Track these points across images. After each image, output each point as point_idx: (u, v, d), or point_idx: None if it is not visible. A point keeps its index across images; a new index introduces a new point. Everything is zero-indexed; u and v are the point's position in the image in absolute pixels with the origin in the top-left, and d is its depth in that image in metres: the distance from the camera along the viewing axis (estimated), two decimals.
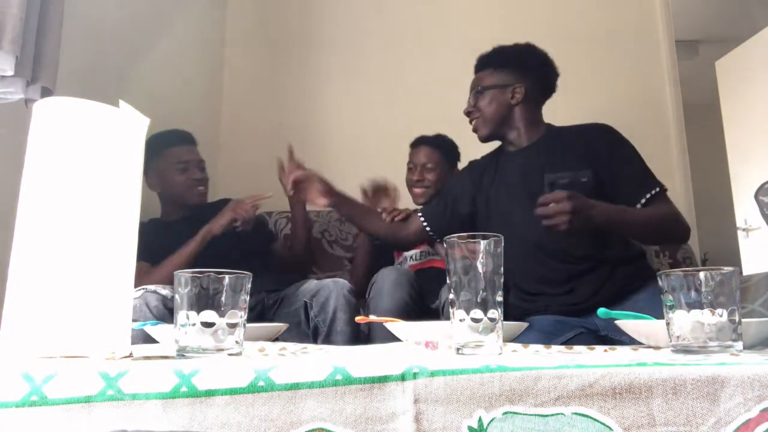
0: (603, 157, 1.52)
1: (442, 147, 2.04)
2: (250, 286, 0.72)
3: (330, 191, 1.70)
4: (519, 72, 1.64)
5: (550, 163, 1.55)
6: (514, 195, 1.59)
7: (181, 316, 0.68)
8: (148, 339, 1.06)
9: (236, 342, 0.70)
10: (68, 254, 0.66)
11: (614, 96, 2.56)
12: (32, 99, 1.36)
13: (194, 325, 0.68)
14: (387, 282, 1.52)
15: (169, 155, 1.87)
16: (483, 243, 0.68)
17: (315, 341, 1.47)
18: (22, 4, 1.28)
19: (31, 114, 0.70)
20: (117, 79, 1.94)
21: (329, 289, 1.49)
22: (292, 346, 0.89)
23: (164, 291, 1.41)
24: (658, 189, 1.50)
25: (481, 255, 0.68)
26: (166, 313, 1.37)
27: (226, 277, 0.69)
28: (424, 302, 1.60)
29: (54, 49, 1.39)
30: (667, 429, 0.48)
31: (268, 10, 2.81)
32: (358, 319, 1.22)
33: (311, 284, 1.58)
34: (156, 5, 2.24)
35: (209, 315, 0.68)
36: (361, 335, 1.54)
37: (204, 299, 0.68)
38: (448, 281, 0.70)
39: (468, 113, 1.67)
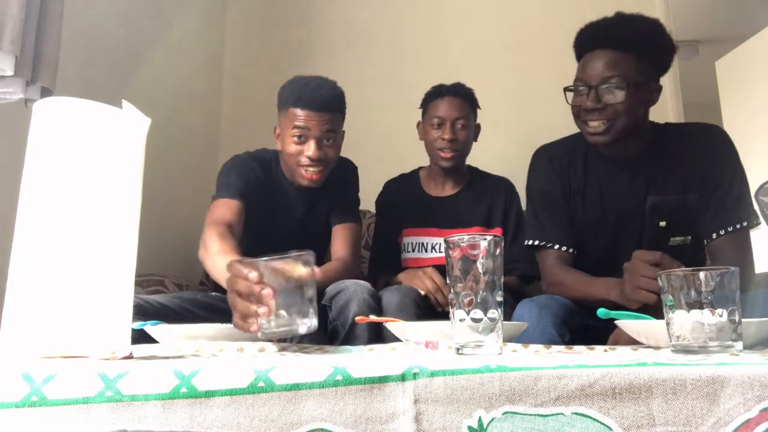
0: (712, 172, 1.33)
1: (469, 98, 1.80)
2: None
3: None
4: (658, 64, 1.32)
5: (658, 181, 1.36)
6: (611, 213, 1.40)
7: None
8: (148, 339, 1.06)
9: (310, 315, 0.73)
10: (68, 255, 0.66)
11: None
12: (32, 99, 1.36)
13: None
14: (391, 307, 1.43)
15: (289, 115, 1.50)
16: (483, 243, 0.68)
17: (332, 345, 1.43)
18: (22, 4, 1.28)
19: (31, 114, 0.70)
20: (117, 79, 1.94)
21: (350, 292, 1.38)
22: (292, 347, 0.89)
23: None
24: (737, 226, 1.29)
25: (481, 255, 0.68)
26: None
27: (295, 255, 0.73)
28: (430, 311, 1.57)
29: (54, 49, 1.39)
30: (666, 429, 0.48)
31: (268, 10, 2.81)
32: (358, 319, 1.21)
33: (329, 286, 1.45)
34: (156, 6, 2.24)
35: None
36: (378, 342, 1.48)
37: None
38: (448, 281, 0.70)
39: (591, 110, 1.30)
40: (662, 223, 1.36)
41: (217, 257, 1.22)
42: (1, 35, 1.25)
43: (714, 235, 1.33)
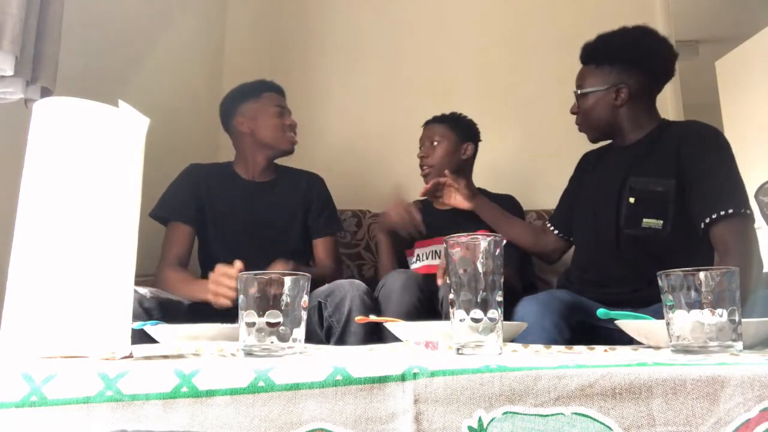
0: (692, 161, 1.44)
1: (450, 121, 1.98)
2: (309, 285, 0.74)
3: (474, 194, 1.79)
4: (626, 67, 1.54)
5: (640, 164, 1.50)
6: (599, 192, 1.57)
7: (248, 316, 0.70)
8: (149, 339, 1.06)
9: (299, 340, 0.72)
10: (68, 254, 0.66)
11: None
12: (32, 99, 1.35)
13: (260, 325, 0.69)
14: (396, 286, 1.49)
15: (267, 98, 1.89)
16: (483, 243, 0.68)
17: (327, 342, 1.45)
18: (22, 4, 1.28)
19: (31, 114, 0.70)
20: (117, 79, 1.94)
21: (345, 290, 1.46)
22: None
23: (143, 290, 1.39)
24: (729, 211, 1.34)
25: (481, 255, 0.68)
26: (141, 312, 1.34)
27: (288, 278, 0.71)
28: (432, 305, 1.59)
29: (54, 49, 1.39)
30: (667, 429, 0.48)
31: (268, 10, 2.81)
32: (358, 319, 1.21)
33: (324, 284, 1.55)
34: (156, 6, 2.23)
35: (273, 315, 0.69)
36: (374, 337, 1.52)
37: (267, 300, 0.70)
38: (448, 281, 0.70)
39: (573, 113, 1.63)
40: (631, 200, 1.48)
41: (184, 285, 1.61)
42: (1, 35, 1.24)
43: (707, 220, 1.38)
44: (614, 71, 1.54)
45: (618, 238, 1.49)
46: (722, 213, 1.35)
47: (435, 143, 1.93)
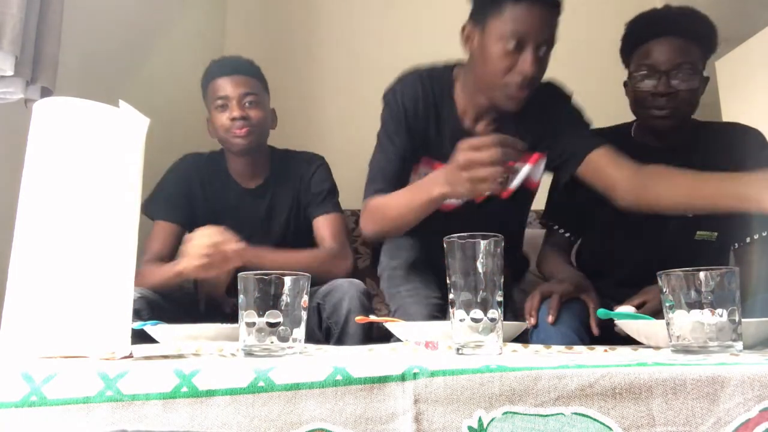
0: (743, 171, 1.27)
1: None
2: (309, 285, 0.74)
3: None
4: (707, 52, 1.35)
5: (689, 168, 1.28)
6: None
7: (248, 316, 0.70)
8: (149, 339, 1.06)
9: (299, 340, 0.72)
10: (68, 254, 0.66)
11: (614, 97, 2.55)
12: (32, 99, 1.35)
13: (260, 325, 0.70)
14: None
15: (210, 91, 1.60)
16: (483, 243, 0.68)
17: (327, 343, 1.44)
18: (22, 4, 1.28)
19: (31, 114, 0.70)
20: (117, 79, 1.94)
21: (343, 291, 1.40)
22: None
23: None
24: (763, 234, 1.27)
25: (481, 255, 0.68)
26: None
27: (288, 278, 0.71)
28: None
29: (54, 49, 1.39)
30: (666, 429, 0.48)
31: (268, 10, 2.81)
32: (358, 319, 1.21)
33: (324, 286, 1.46)
34: (156, 5, 2.23)
35: (273, 315, 0.70)
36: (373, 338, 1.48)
37: (267, 300, 0.70)
38: (448, 281, 0.70)
39: (661, 95, 1.29)
40: (689, 213, 1.32)
41: (157, 272, 1.42)
42: (1, 35, 1.24)
43: (748, 239, 1.33)
44: (706, 59, 1.36)
45: (658, 252, 1.34)
46: (757, 236, 1.31)
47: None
